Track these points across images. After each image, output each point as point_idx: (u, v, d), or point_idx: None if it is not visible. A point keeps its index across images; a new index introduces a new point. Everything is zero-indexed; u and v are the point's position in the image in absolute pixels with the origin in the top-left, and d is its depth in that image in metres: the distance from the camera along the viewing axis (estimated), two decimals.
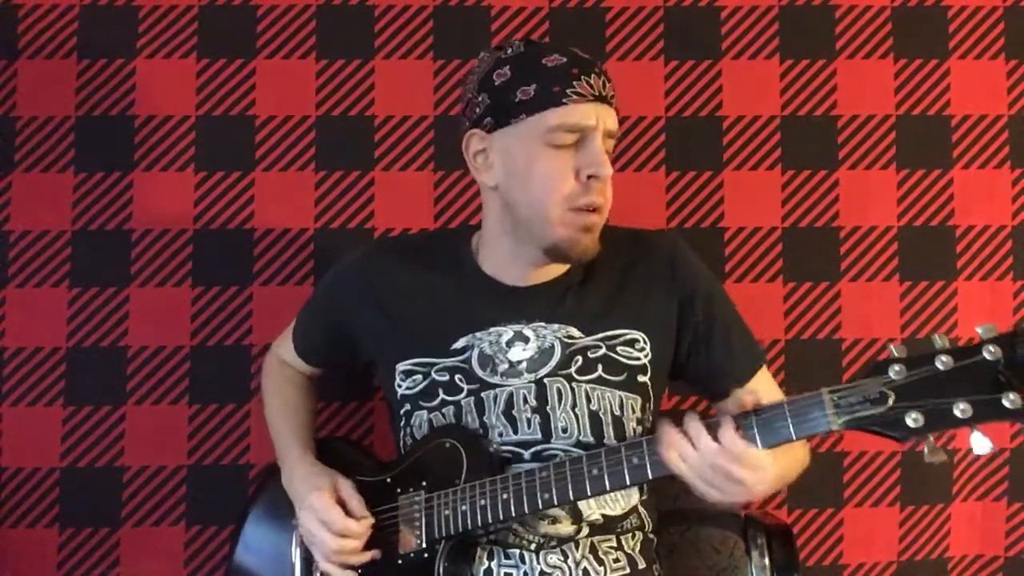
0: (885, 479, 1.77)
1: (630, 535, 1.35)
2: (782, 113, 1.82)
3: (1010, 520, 1.79)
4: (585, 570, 1.29)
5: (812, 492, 1.76)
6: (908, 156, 1.81)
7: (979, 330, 1.03)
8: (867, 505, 1.77)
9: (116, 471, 1.74)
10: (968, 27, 1.82)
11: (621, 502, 1.33)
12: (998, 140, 1.81)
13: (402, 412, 1.38)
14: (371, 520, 1.31)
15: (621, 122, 1.76)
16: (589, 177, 1.26)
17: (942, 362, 1.03)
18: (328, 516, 1.30)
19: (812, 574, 1.76)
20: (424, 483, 1.31)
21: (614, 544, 1.33)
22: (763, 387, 1.37)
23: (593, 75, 1.28)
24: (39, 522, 1.73)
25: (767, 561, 1.45)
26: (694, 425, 1.12)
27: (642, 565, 1.34)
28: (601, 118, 1.28)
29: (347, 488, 1.33)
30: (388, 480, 1.35)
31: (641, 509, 1.36)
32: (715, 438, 1.10)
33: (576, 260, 1.32)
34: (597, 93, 1.28)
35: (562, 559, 1.29)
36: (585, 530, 1.31)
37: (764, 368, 1.42)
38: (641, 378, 1.33)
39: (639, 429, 1.34)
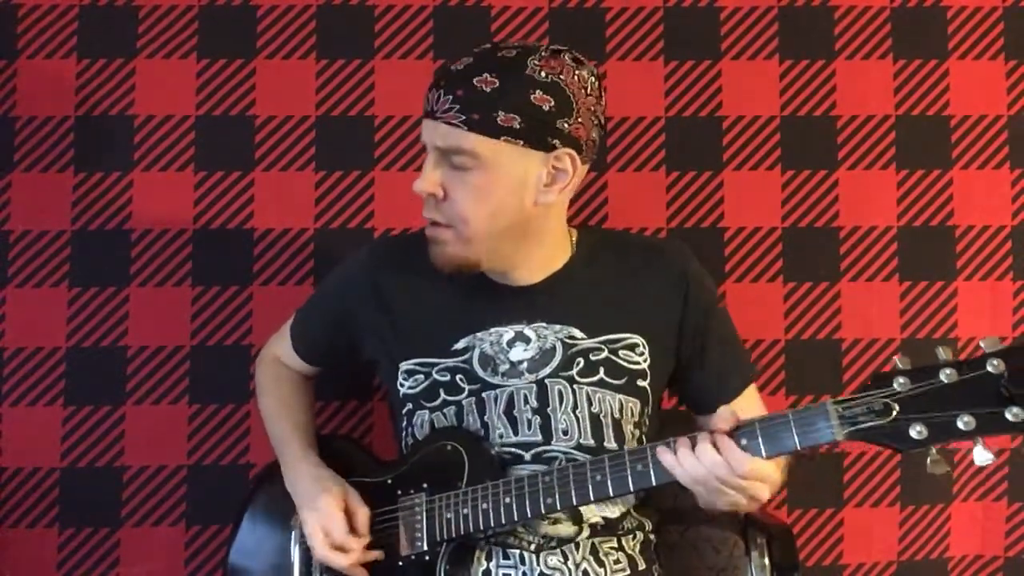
0: (885, 479, 1.77)
1: (630, 536, 1.35)
2: (782, 113, 1.82)
3: (1010, 520, 1.79)
4: (585, 571, 1.29)
5: (812, 492, 1.77)
6: (908, 156, 1.81)
7: (983, 343, 1.04)
8: (867, 505, 1.78)
9: (116, 471, 1.74)
10: (968, 27, 1.82)
11: (619, 504, 1.33)
12: (998, 140, 1.81)
13: (404, 412, 1.38)
14: (367, 539, 1.30)
15: (621, 122, 1.80)
16: None
17: (946, 375, 1.03)
18: (330, 525, 1.29)
19: (812, 574, 1.76)
20: (425, 485, 1.30)
21: (615, 545, 1.33)
22: (749, 404, 1.38)
23: (433, 88, 1.26)
24: (39, 522, 1.73)
25: (767, 561, 1.45)
26: (701, 436, 1.14)
27: (642, 566, 1.34)
28: (428, 135, 1.27)
29: (356, 500, 1.33)
30: (389, 481, 1.35)
31: (634, 512, 1.36)
32: (717, 448, 1.12)
33: (441, 270, 1.31)
34: (429, 108, 1.26)
35: (562, 560, 1.29)
36: (586, 531, 1.30)
37: (753, 386, 1.43)
38: (641, 383, 1.33)
39: (636, 433, 1.34)
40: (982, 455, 1.02)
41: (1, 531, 1.73)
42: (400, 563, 1.29)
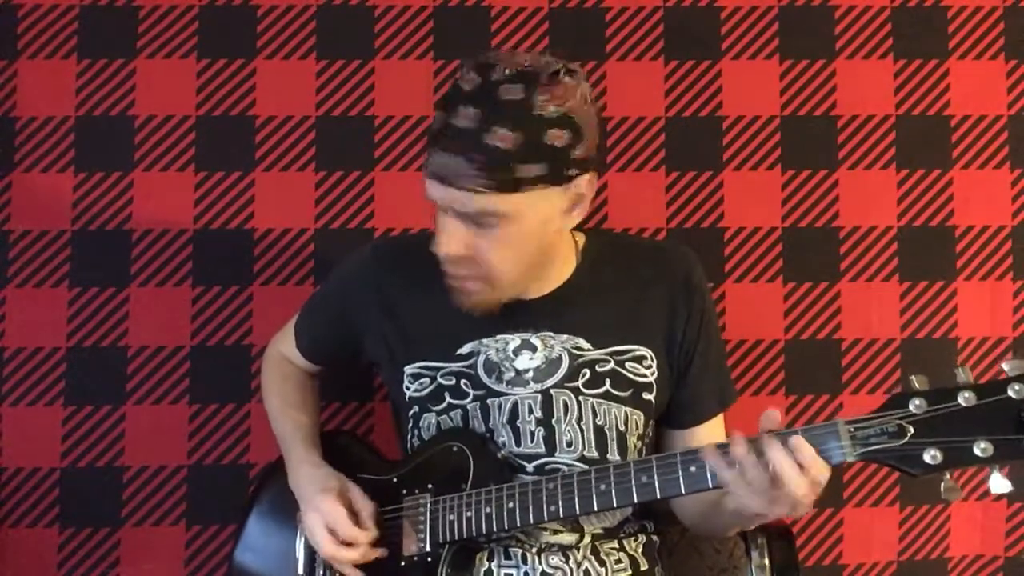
0: (885, 479, 1.77)
1: (632, 538, 1.35)
2: (782, 113, 1.82)
3: (1010, 520, 1.79)
4: (587, 571, 1.29)
5: None
6: (908, 156, 1.81)
7: (1005, 367, 1.01)
8: (867, 505, 1.78)
9: (116, 471, 1.74)
10: (968, 27, 1.82)
11: (617, 513, 1.33)
12: (998, 140, 1.81)
13: (410, 414, 1.37)
14: (375, 534, 1.29)
15: (621, 122, 1.80)
16: None
17: (964, 398, 1.00)
18: (335, 522, 1.28)
19: (812, 574, 1.76)
20: (430, 486, 1.30)
21: (616, 546, 1.33)
22: (715, 431, 1.36)
23: (439, 151, 1.17)
24: (39, 522, 1.73)
25: (767, 561, 1.45)
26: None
27: (644, 566, 1.34)
28: (441, 198, 1.19)
29: (358, 494, 1.32)
30: (394, 480, 1.34)
31: (633, 518, 1.36)
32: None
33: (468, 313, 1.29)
34: (441, 174, 1.17)
35: (563, 560, 1.29)
36: (587, 538, 1.31)
37: (722, 415, 1.39)
38: (646, 395, 1.33)
39: (639, 446, 1.33)
40: (999, 483, 0.99)
41: (1, 531, 1.73)
42: (403, 563, 1.29)
